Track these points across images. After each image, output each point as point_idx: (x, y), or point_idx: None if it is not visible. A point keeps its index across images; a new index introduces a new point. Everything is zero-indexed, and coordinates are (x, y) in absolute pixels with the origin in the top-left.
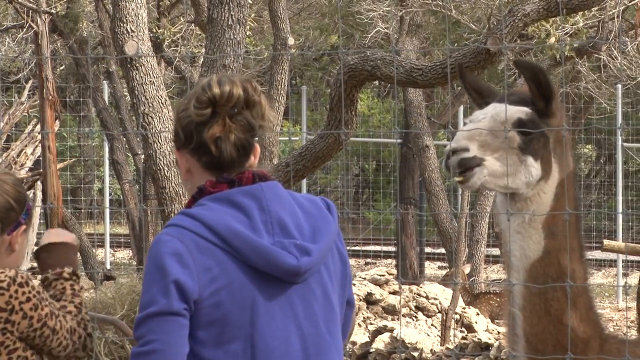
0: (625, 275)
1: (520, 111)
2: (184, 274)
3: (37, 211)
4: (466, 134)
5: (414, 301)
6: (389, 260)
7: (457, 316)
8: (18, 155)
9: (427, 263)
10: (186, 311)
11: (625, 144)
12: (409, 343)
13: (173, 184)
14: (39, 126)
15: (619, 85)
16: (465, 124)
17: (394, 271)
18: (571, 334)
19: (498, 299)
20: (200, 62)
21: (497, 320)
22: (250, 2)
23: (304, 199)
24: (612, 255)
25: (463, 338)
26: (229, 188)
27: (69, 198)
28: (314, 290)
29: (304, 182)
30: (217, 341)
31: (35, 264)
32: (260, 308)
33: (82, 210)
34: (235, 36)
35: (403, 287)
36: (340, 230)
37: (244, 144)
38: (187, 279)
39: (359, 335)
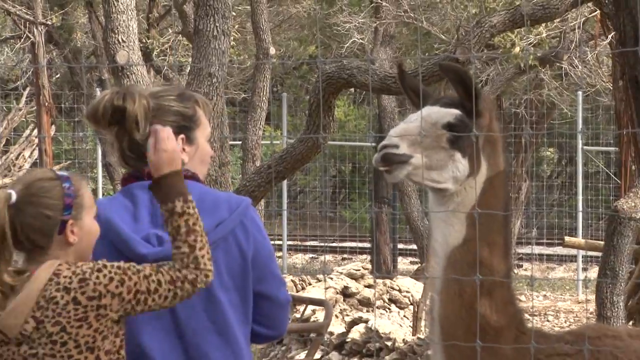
0: (584, 269)
1: (450, 113)
2: None
3: None
4: (398, 132)
5: (388, 294)
6: (364, 256)
7: (428, 312)
8: (17, 158)
9: (399, 258)
10: None
11: (585, 147)
12: (382, 333)
13: None
14: (36, 131)
15: (580, 92)
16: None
17: (369, 266)
18: (482, 321)
19: None
20: (187, 71)
21: None
22: (234, 14)
23: (212, 196)
24: (573, 251)
25: None
26: (136, 181)
27: None
28: None
29: (285, 182)
30: None
31: None
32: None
33: None
34: (220, 46)
35: (377, 281)
36: (256, 229)
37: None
38: None
39: (336, 326)
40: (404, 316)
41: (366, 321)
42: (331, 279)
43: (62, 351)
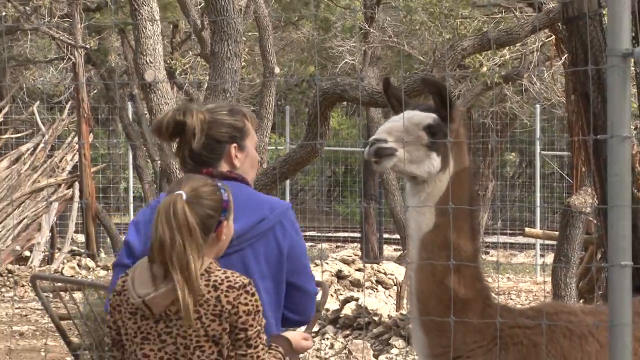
0: (542, 256)
1: (430, 117)
2: (133, 237)
3: (75, 205)
4: (387, 128)
5: (375, 276)
6: (355, 244)
7: (408, 289)
8: (60, 161)
9: (385, 246)
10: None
11: (542, 152)
12: (370, 310)
13: None
14: (76, 138)
15: (538, 105)
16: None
17: (359, 253)
18: (451, 292)
19: None
20: (205, 87)
21: None
22: (245, 39)
23: (257, 197)
24: (532, 240)
25: None
26: None
27: (100, 195)
28: (233, 263)
29: (287, 182)
30: None
31: (74, 247)
32: None
33: (111, 205)
34: (233, 66)
35: (366, 265)
36: (293, 229)
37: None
38: (134, 240)
39: (331, 304)
40: (389, 295)
41: (357, 300)
42: (327, 263)
43: (193, 336)
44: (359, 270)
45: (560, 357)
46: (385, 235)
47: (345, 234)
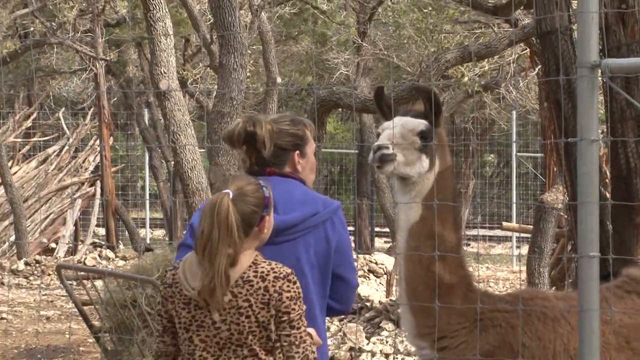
0: (518, 247)
1: (422, 123)
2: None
3: (97, 202)
4: (387, 136)
5: (367, 266)
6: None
7: (398, 276)
8: (83, 162)
9: (376, 239)
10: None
11: (518, 153)
12: (363, 296)
13: (195, 182)
14: (98, 141)
15: (514, 112)
16: (378, 134)
17: (353, 244)
18: (437, 279)
19: None
20: (214, 95)
21: None
22: (250, 52)
23: (312, 194)
24: (508, 233)
25: None
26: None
27: (119, 193)
28: (284, 251)
29: None
30: None
31: (96, 240)
32: None
33: (129, 202)
34: (239, 76)
35: (359, 256)
36: (342, 226)
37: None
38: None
39: None
40: (380, 283)
41: None
42: None
43: (245, 322)
44: None
45: (535, 338)
46: (377, 229)
47: None
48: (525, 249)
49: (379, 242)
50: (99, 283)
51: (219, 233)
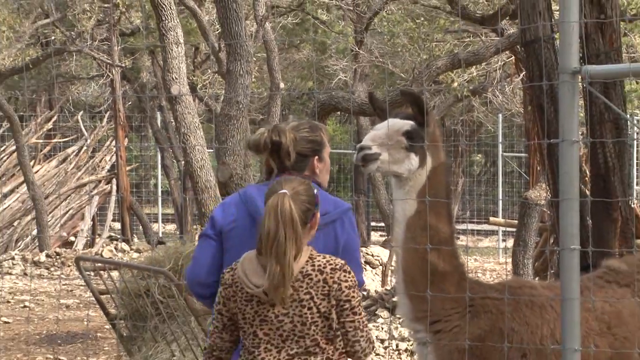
0: (504, 240)
1: (407, 124)
2: (219, 214)
3: (113, 198)
4: (371, 136)
5: (364, 257)
6: None
7: (392, 267)
8: (100, 161)
9: (372, 232)
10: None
11: (503, 153)
12: None
13: (203, 180)
14: (114, 142)
15: (500, 115)
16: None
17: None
18: (432, 267)
19: None
20: (222, 99)
21: None
22: (255, 59)
23: (324, 195)
24: (495, 227)
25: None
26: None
27: (134, 190)
28: None
29: None
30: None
31: (112, 234)
32: (251, 240)
33: (143, 198)
34: (245, 82)
35: None
36: (351, 227)
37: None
38: (219, 216)
39: None
40: (375, 274)
41: None
42: None
43: (308, 314)
44: None
45: (524, 323)
46: (372, 224)
47: None
48: (510, 242)
49: (374, 236)
50: (114, 274)
51: (285, 231)
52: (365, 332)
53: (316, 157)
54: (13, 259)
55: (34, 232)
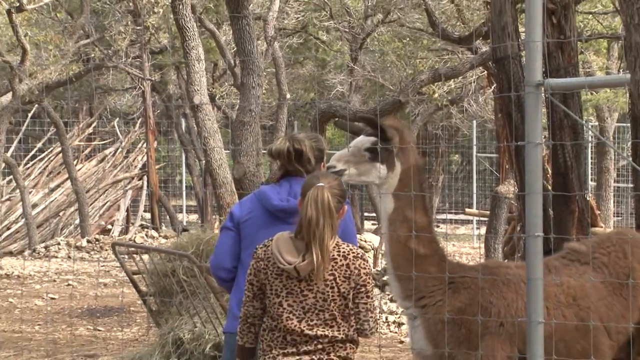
0: (477, 228)
1: (369, 140)
2: (237, 210)
3: (144, 192)
4: (336, 157)
5: (358, 243)
6: None
7: (382, 252)
8: (133, 160)
9: (365, 221)
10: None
11: (477, 154)
12: None
13: (221, 177)
14: (145, 144)
15: (474, 121)
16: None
17: None
18: (414, 252)
19: None
20: (236, 108)
21: None
22: (265, 73)
23: None
24: (470, 217)
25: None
26: (282, 178)
27: (162, 185)
28: None
29: None
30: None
31: (143, 222)
32: (262, 229)
33: (169, 192)
34: (256, 93)
35: None
36: (348, 217)
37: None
38: (237, 211)
39: None
40: (368, 256)
41: None
42: None
43: (329, 292)
44: None
45: (501, 297)
46: (366, 214)
47: None
48: (483, 230)
49: (367, 224)
50: (145, 257)
51: (324, 219)
52: (374, 314)
53: (322, 163)
54: (59, 244)
55: (77, 221)
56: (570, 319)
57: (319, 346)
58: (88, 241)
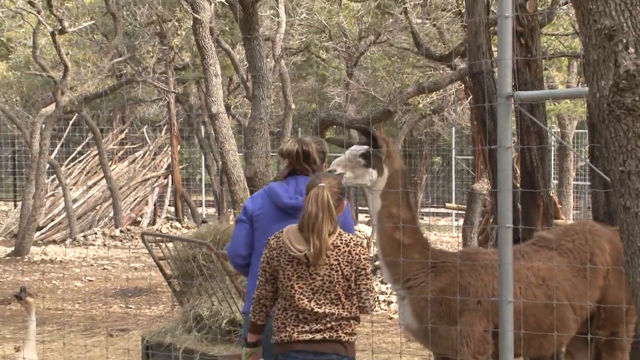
0: (456, 220)
1: (363, 148)
2: (250, 204)
3: (169, 189)
4: (336, 162)
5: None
6: None
7: (374, 241)
8: (159, 162)
9: (359, 214)
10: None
11: (456, 156)
12: None
13: (235, 176)
14: (169, 148)
15: (453, 128)
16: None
17: None
18: (398, 242)
19: None
20: (248, 116)
21: None
22: (273, 87)
23: None
24: (450, 211)
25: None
26: (289, 176)
27: (184, 183)
28: None
29: None
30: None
31: (168, 215)
32: (273, 223)
33: (191, 189)
34: (266, 104)
35: None
36: (347, 209)
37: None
38: (250, 206)
39: None
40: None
41: None
42: None
43: (334, 274)
44: None
45: (478, 279)
46: (360, 207)
47: None
48: (461, 222)
49: (361, 217)
50: (170, 245)
51: (322, 214)
52: (373, 294)
53: (324, 164)
54: (95, 233)
55: (111, 214)
56: (539, 297)
57: (328, 325)
58: (121, 231)
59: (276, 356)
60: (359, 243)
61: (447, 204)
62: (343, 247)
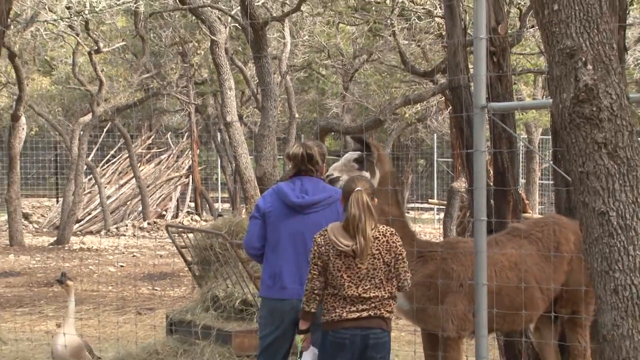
0: (438, 214)
1: (356, 153)
2: (262, 202)
3: (189, 187)
4: (333, 167)
5: None
6: None
7: None
8: (181, 164)
9: None
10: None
11: (438, 159)
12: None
13: (247, 176)
14: (190, 151)
15: (435, 134)
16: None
17: None
18: None
19: None
20: (258, 124)
21: None
22: (279, 99)
23: (319, 185)
24: (432, 206)
25: None
26: (295, 176)
27: (203, 182)
28: (311, 219)
29: None
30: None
31: (189, 210)
32: (283, 219)
33: (209, 187)
34: (273, 113)
35: None
36: None
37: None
38: (262, 204)
39: None
40: None
41: None
42: None
43: (376, 262)
44: None
45: (459, 264)
46: None
47: None
48: (441, 216)
49: None
50: (190, 235)
51: (364, 216)
52: (409, 275)
53: (325, 165)
54: (126, 225)
55: (140, 209)
56: (512, 279)
57: (372, 304)
58: (148, 223)
59: (326, 333)
60: (393, 233)
61: (430, 200)
62: (382, 238)
